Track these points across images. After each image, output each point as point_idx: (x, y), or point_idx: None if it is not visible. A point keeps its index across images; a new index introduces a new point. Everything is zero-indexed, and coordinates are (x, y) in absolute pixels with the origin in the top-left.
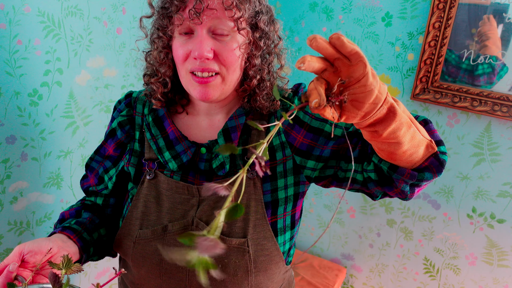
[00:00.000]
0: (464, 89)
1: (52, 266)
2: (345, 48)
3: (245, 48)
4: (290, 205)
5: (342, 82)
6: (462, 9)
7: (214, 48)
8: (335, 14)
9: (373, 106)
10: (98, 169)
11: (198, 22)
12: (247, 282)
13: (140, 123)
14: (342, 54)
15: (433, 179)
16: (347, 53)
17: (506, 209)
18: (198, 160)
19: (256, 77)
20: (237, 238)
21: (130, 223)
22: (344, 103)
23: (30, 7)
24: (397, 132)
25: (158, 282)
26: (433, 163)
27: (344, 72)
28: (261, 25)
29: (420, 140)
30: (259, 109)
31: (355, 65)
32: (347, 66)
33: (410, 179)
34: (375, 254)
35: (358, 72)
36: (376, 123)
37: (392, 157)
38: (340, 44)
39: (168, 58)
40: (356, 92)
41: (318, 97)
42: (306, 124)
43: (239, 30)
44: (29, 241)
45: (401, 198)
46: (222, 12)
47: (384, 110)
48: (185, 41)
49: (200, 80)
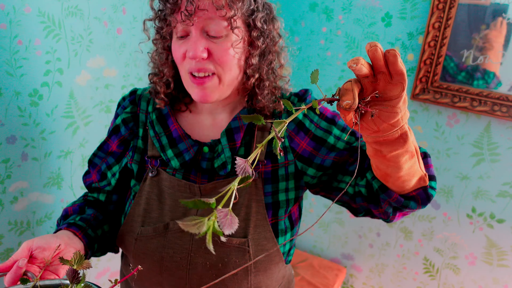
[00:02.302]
0: (463, 89)
1: (64, 263)
2: (395, 66)
3: (242, 47)
4: (290, 208)
5: (377, 96)
6: (462, 10)
7: (208, 47)
8: (335, 14)
9: (391, 128)
10: (100, 165)
11: (189, 23)
12: (246, 282)
13: (144, 120)
14: (388, 69)
15: (417, 210)
16: (393, 71)
17: (506, 209)
18: (201, 159)
19: (254, 76)
20: (238, 237)
21: (132, 220)
22: (371, 116)
23: (30, 7)
24: (400, 158)
25: (158, 279)
26: (421, 195)
27: (382, 87)
28: (257, 24)
29: (416, 171)
30: (261, 109)
31: (395, 85)
32: (387, 82)
33: (395, 203)
34: (375, 254)
35: (395, 92)
36: (385, 143)
37: (386, 178)
38: (393, 61)
39: (168, 59)
40: (383, 109)
41: (351, 99)
42: (311, 132)
43: (232, 29)
44: (36, 237)
45: (383, 219)
46: (213, 12)
47: (397, 134)
48: (181, 42)
49: (197, 81)
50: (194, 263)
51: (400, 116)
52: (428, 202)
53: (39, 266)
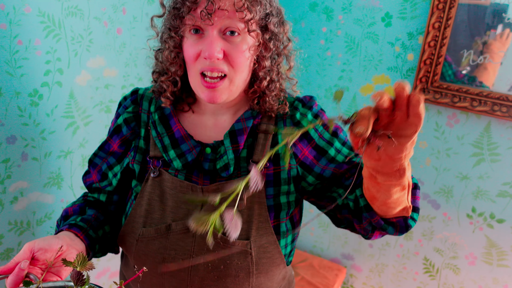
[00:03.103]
0: (463, 89)
1: (67, 264)
2: (416, 109)
3: (255, 50)
4: (291, 210)
5: (389, 136)
6: (462, 10)
7: (224, 48)
8: (335, 14)
9: (391, 162)
10: (101, 165)
11: (209, 23)
12: (248, 284)
13: (146, 120)
14: (408, 109)
15: (394, 235)
16: (413, 112)
17: (506, 209)
18: (203, 160)
19: (266, 79)
20: (240, 239)
21: (133, 221)
22: (377, 149)
23: (30, 7)
24: (392, 188)
25: (159, 281)
26: (400, 224)
27: (397, 123)
28: (271, 27)
29: (403, 202)
30: (268, 111)
31: (410, 125)
32: (403, 120)
33: (375, 224)
34: (375, 254)
35: (408, 132)
36: (381, 172)
37: (373, 201)
38: (415, 104)
39: (179, 57)
40: (390, 144)
41: (365, 127)
42: (314, 141)
43: (249, 32)
44: (38, 239)
45: (362, 235)
46: (233, 14)
47: (395, 169)
48: (195, 40)
49: (208, 84)
50: (195, 265)
51: (404, 154)
52: (405, 231)
53: (41, 268)
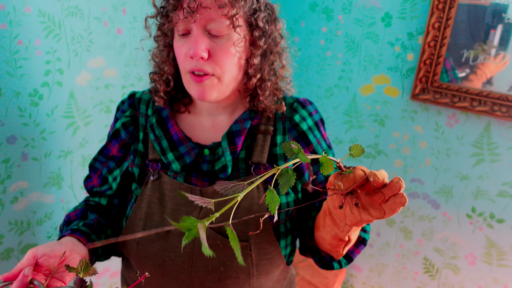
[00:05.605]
0: (463, 89)
1: (70, 270)
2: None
3: (243, 47)
4: (290, 210)
5: (356, 204)
6: (462, 10)
7: (210, 48)
8: (335, 14)
9: (348, 228)
10: (101, 170)
11: (191, 20)
12: (248, 285)
13: (144, 123)
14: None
15: (316, 264)
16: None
17: (506, 209)
18: (201, 161)
19: (256, 76)
20: (240, 241)
21: (133, 224)
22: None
23: (30, 7)
24: (332, 232)
25: (160, 283)
26: (326, 259)
27: (374, 201)
28: (259, 23)
29: (339, 249)
30: (263, 111)
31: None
32: (379, 202)
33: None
34: (374, 254)
35: (374, 213)
36: (331, 217)
37: (318, 228)
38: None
39: (169, 57)
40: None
41: (344, 188)
42: (312, 146)
43: (234, 28)
44: (41, 245)
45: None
46: (216, 11)
47: (342, 227)
48: (184, 42)
49: (196, 78)
50: (196, 267)
51: (354, 223)
52: (327, 268)
53: (45, 274)
